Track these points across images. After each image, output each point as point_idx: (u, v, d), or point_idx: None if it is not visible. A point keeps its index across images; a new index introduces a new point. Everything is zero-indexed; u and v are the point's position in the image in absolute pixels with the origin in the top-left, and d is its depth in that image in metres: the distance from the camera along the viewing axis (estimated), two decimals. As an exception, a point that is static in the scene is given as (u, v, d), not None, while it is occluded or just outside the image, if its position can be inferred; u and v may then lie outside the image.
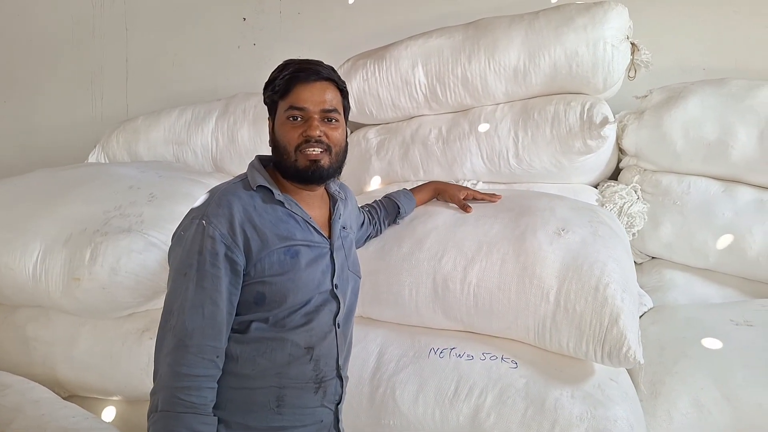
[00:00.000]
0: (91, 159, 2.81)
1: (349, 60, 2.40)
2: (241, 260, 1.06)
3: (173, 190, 1.89)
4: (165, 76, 3.35)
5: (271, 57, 3.25)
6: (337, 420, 1.20)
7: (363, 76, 2.29)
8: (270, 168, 1.21)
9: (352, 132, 2.54)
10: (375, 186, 2.38)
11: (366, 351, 1.48)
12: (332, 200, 1.28)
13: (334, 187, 1.29)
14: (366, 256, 1.54)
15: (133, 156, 2.71)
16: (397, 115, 2.36)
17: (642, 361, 1.21)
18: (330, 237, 1.21)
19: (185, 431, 0.99)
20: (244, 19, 3.17)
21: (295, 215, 1.15)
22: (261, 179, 1.15)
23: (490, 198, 1.62)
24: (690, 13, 2.39)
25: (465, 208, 1.58)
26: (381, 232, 1.60)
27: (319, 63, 1.18)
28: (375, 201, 1.63)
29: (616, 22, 1.96)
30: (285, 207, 1.15)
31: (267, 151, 1.20)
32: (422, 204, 1.68)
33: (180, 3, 3.28)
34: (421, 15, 2.75)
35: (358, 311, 1.60)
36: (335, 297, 1.17)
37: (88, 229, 1.68)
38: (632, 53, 2.03)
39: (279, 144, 1.15)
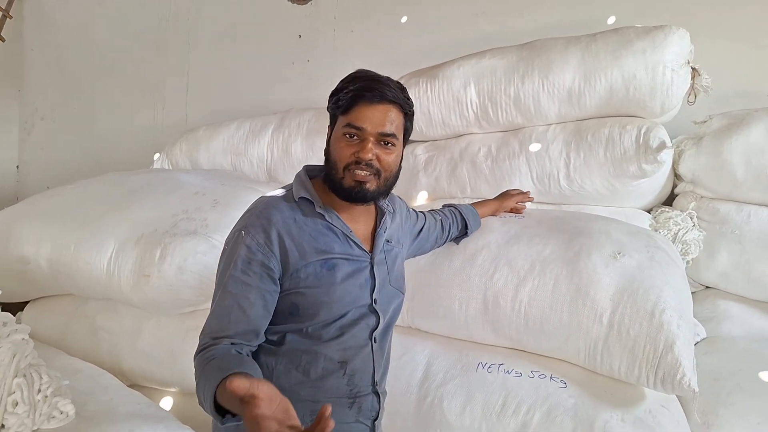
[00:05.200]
0: (156, 165, 2.98)
1: (402, 78, 2.45)
2: (276, 268, 1.08)
3: (235, 197, 1.99)
4: (223, 88, 3.52)
5: (323, 73, 3.42)
6: None
7: (415, 94, 2.34)
8: (318, 179, 1.20)
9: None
10: (421, 201, 2.42)
11: (414, 361, 1.52)
12: (380, 213, 1.25)
13: (382, 200, 1.26)
14: (417, 269, 1.58)
15: (194, 163, 2.86)
16: (446, 132, 2.40)
17: (697, 389, 1.20)
18: (372, 251, 1.18)
19: (206, 384, 0.98)
20: (300, 36, 3.30)
21: (335, 228, 1.14)
22: (303, 191, 1.15)
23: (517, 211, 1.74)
24: (751, 37, 2.35)
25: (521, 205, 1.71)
26: (446, 241, 1.56)
27: (387, 83, 1.14)
28: (449, 210, 1.58)
29: (677, 46, 1.95)
30: (325, 219, 1.14)
31: (319, 163, 1.20)
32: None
33: (240, 20, 3.44)
34: (467, 35, 2.81)
35: (407, 322, 1.65)
36: (374, 312, 1.16)
37: (158, 230, 1.80)
38: (692, 78, 2.01)
39: (331, 157, 1.14)
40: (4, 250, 2.13)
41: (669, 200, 2.25)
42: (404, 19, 3.04)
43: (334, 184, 1.12)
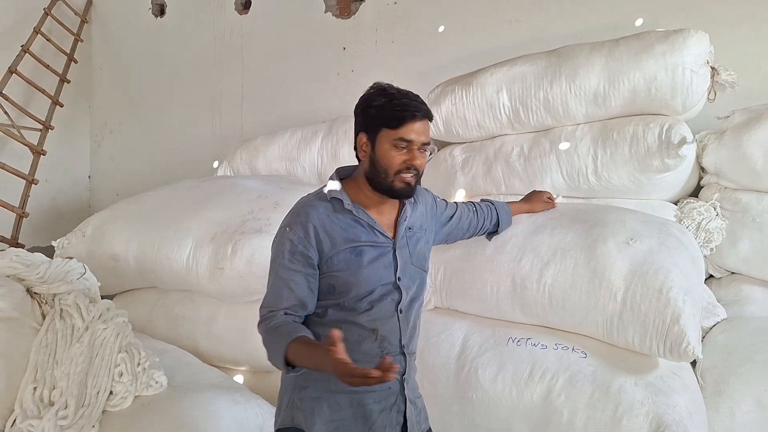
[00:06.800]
0: (220, 172, 3.30)
1: (439, 86, 2.64)
2: (314, 256, 1.30)
3: (293, 199, 2.22)
4: (274, 99, 3.78)
5: (367, 82, 3.52)
6: (403, 388, 1.38)
7: (452, 101, 2.52)
8: (349, 179, 1.39)
9: (438, 150, 2.78)
10: (459, 199, 2.60)
11: (452, 337, 1.74)
12: (401, 204, 1.42)
13: None
14: (453, 257, 1.79)
15: (252, 170, 3.16)
16: (482, 134, 2.57)
17: (701, 356, 1.36)
18: (394, 237, 1.37)
19: (277, 344, 1.22)
20: (344, 48, 3.51)
21: (362, 221, 1.34)
22: (335, 192, 1.36)
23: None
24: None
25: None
26: (479, 230, 1.70)
27: (423, 101, 1.34)
28: (486, 204, 1.73)
29: (696, 48, 2.07)
30: (353, 214, 1.34)
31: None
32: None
33: (288, 36, 3.70)
34: (503, 41, 2.94)
35: (446, 304, 1.86)
36: (398, 288, 1.36)
37: (229, 229, 2.10)
38: (712, 77, 2.12)
39: (379, 164, 1.31)
40: (98, 249, 2.48)
41: (696, 192, 2.36)
42: (441, 29, 3.19)
43: (382, 186, 1.32)
